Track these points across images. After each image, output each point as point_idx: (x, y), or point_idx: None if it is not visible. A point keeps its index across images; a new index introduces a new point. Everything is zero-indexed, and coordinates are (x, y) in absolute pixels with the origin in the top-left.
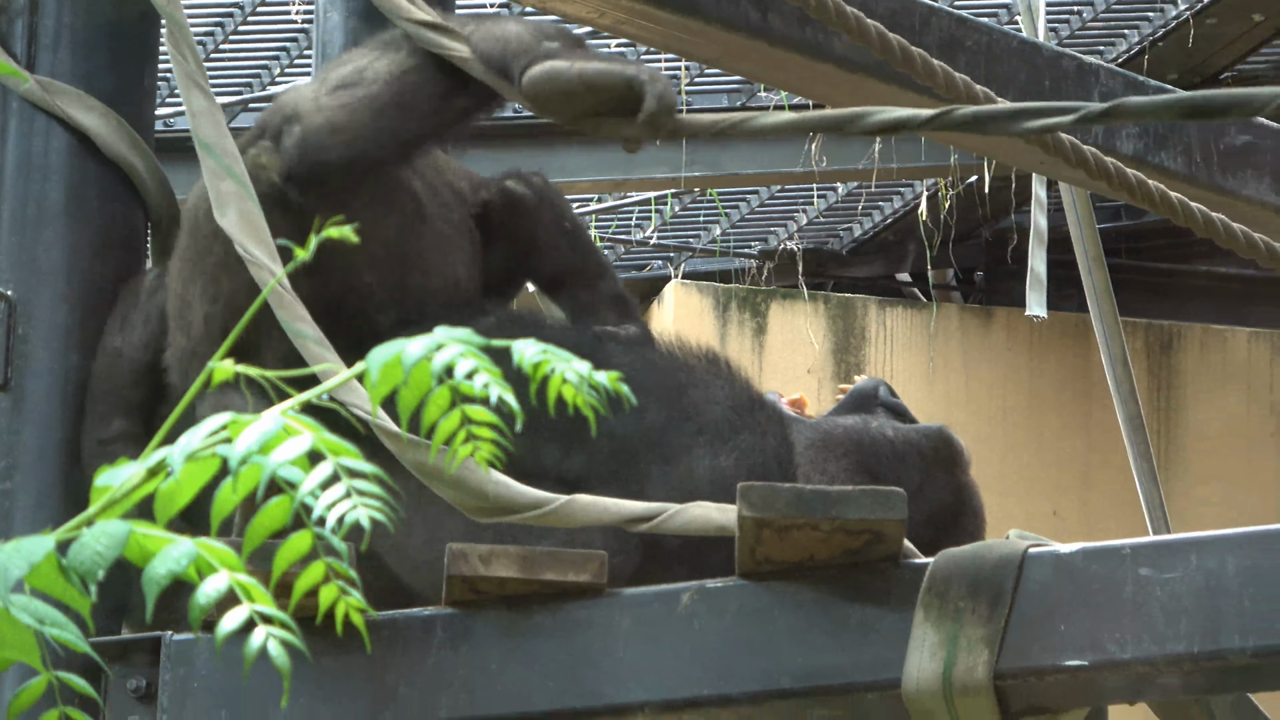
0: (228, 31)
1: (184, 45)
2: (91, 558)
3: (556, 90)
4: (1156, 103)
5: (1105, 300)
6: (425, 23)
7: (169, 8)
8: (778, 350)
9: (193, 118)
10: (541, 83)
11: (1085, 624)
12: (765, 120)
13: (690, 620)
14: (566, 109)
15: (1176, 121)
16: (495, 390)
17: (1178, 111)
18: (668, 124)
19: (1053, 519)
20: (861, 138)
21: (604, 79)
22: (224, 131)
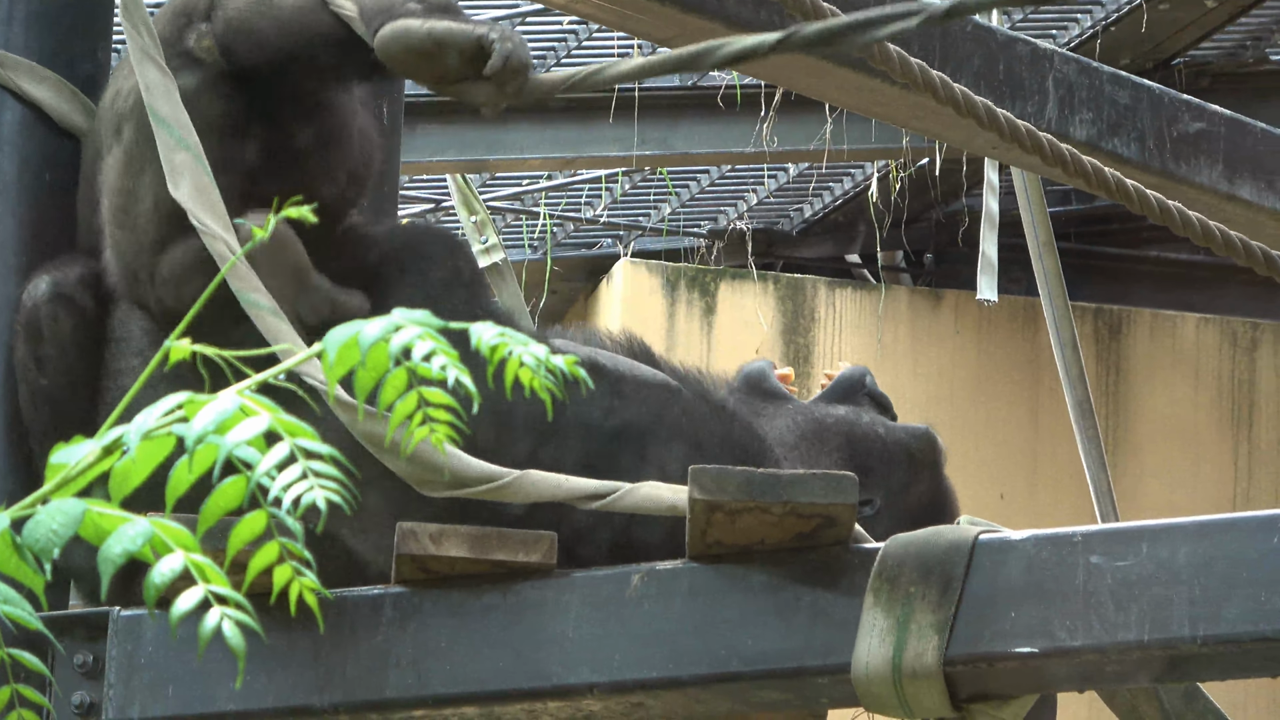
0: None
1: (137, 19)
2: (46, 535)
3: (407, 48)
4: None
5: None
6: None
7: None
8: (727, 330)
9: (147, 91)
10: (391, 40)
11: (1036, 611)
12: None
13: (640, 602)
14: (420, 69)
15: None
16: (453, 372)
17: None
18: (515, 81)
19: (999, 503)
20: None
21: (453, 36)
22: (178, 104)
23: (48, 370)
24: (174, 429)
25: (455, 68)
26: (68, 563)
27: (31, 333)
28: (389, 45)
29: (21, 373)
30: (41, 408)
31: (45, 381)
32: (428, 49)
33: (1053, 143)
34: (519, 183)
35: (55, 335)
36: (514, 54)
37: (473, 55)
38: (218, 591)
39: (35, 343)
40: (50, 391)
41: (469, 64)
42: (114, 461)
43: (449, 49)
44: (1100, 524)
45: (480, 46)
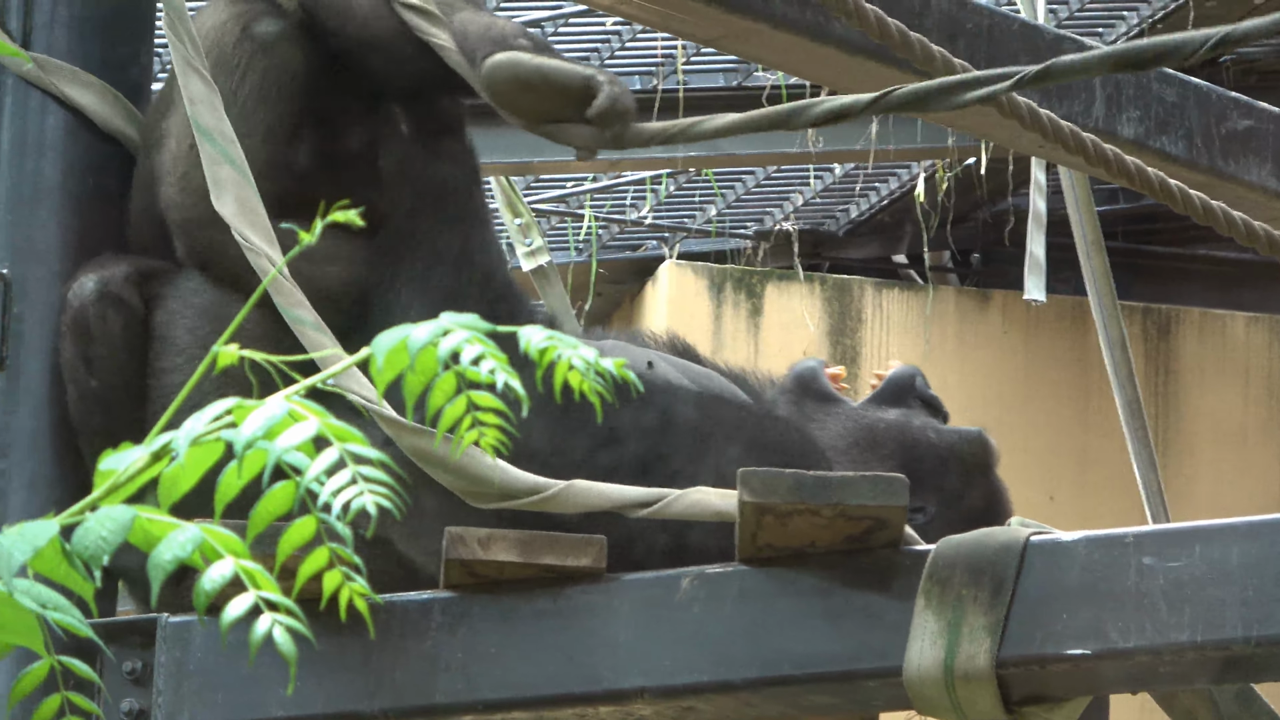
0: None
1: (182, 31)
2: (96, 542)
3: (514, 78)
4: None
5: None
6: (408, 4)
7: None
8: (773, 332)
9: (191, 104)
10: (500, 68)
11: (1088, 612)
12: (713, 124)
13: (690, 606)
14: (521, 100)
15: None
16: (502, 376)
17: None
18: (616, 125)
19: (1049, 504)
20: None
21: (561, 74)
22: (222, 117)
23: (97, 371)
24: (223, 434)
25: (557, 106)
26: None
27: (79, 333)
28: (496, 73)
29: (70, 374)
30: (92, 409)
31: (95, 383)
32: (534, 83)
33: (1096, 142)
34: (564, 185)
35: (104, 335)
36: (619, 99)
37: (577, 96)
38: (268, 597)
39: (84, 343)
40: (100, 393)
41: (570, 104)
42: (163, 467)
43: (555, 86)
44: (1151, 525)
45: (586, 88)
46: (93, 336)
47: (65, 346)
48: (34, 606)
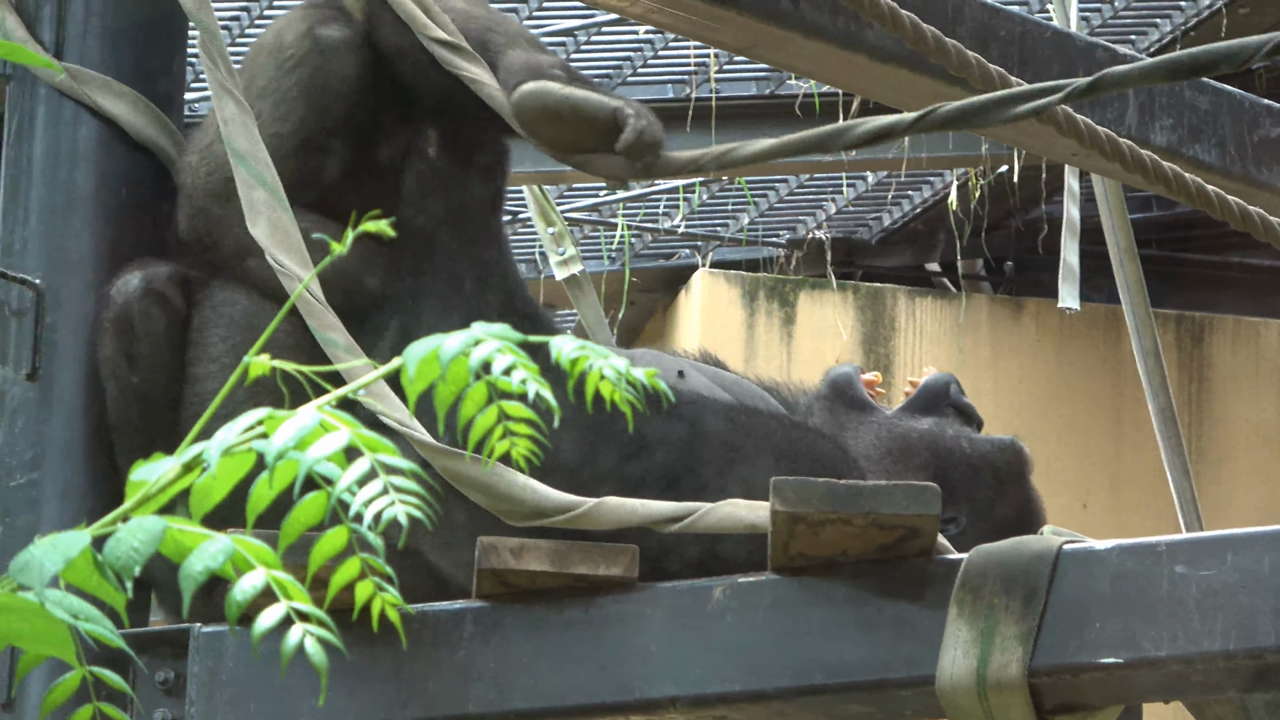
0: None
1: (216, 53)
2: (128, 553)
3: (542, 108)
4: (1142, 68)
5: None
6: (443, 41)
7: (200, 14)
8: (806, 340)
9: (225, 125)
10: (529, 96)
11: (1120, 621)
12: (747, 150)
13: (722, 615)
14: (550, 130)
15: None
16: (533, 386)
17: (1163, 73)
18: (645, 156)
19: (1082, 513)
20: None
21: (589, 104)
22: (256, 140)
23: (139, 367)
24: (254, 445)
25: (585, 136)
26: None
27: (123, 329)
28: (526, 100)
29: (110, 370)
30: (131, 405)
31: (136, 379)
32: (563, 112)
33: (1132, 149)
34: (596, 193)
35: (148, 332)
36: (647, 130)
37: (605, 127)
38: (299, 608)
39: (127, 339)
40: (141, 389)
41: (598, 135)
42: (194, 478)
43: (583, 116)
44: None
45: (614, 119)
46: (136, 333)
47: (106, 343)
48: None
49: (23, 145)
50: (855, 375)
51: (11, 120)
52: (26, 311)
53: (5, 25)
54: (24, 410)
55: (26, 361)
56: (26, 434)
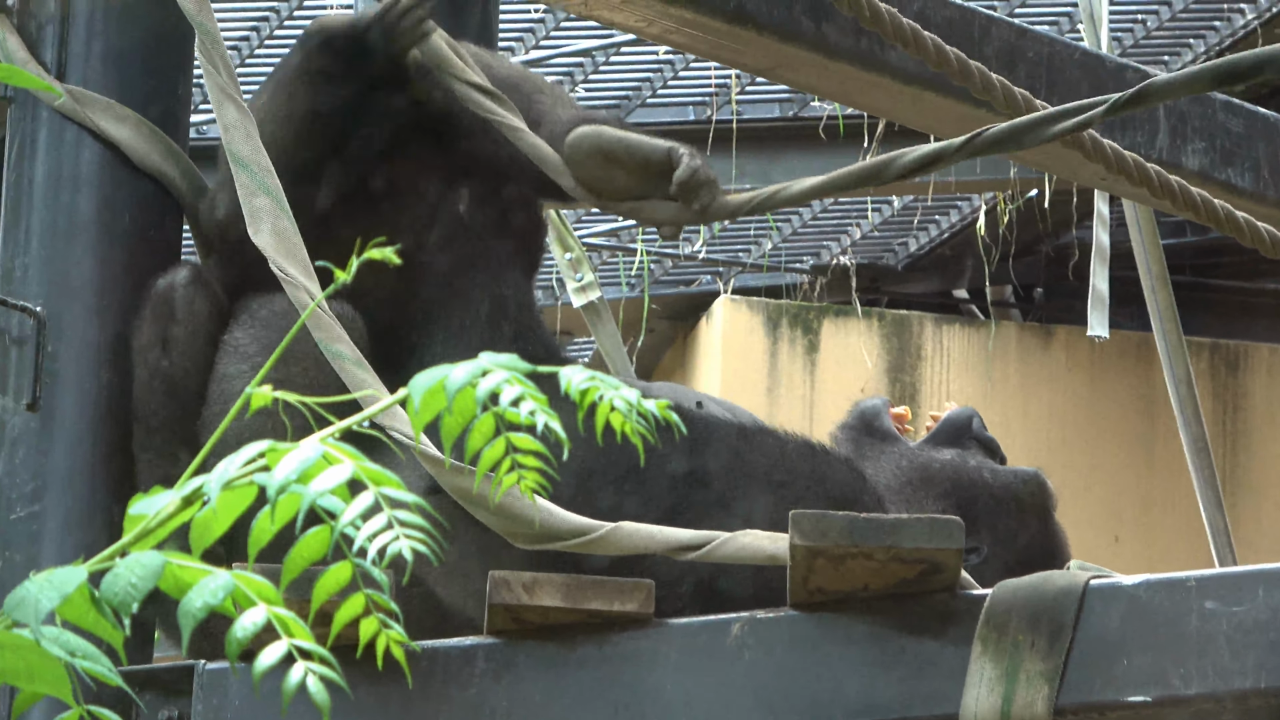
0: (263, 36)
1: (216, 57)
2: (125, 590)
3: (597, 149)
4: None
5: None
6: (477, 86)
7: (200, 17)
8: (830, 369)
9: (225, 131)
10: (584, 138)
11: (1149, 658)
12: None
13: (740, 652)
14: (603, 174)
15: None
16: (541, 418)
17: (1208, 81)
18: (701, 195)
19: (1114, 546)
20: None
21: (644, 146)
22: (257, 145)
23: (173, 352)
24: (255, 478)
25: (637, 180)
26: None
27: (163, 312)
28: (580, 142)
29: (141, 355)
30: (157, 392)
31: (167, 363)
32: (617, 153)
33: (1161, 173)
34: (615, 218)
35: (189, 317)
36: (701, 170)
37: (659, 169)
38: (302, 646)
39: (165, 322)
40: (171, 375)
41: (652, 178)
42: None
43: (637, 157)
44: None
45: (669, 160)
46: (176, 317)
47: (142, 329)
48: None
49: (24, 169)
50: (884, 407)
51: (12, 143)
52: (27, 340)
53: (6, 46)
54: (24, 441)
55: (27, 391)
56: (27, 465)
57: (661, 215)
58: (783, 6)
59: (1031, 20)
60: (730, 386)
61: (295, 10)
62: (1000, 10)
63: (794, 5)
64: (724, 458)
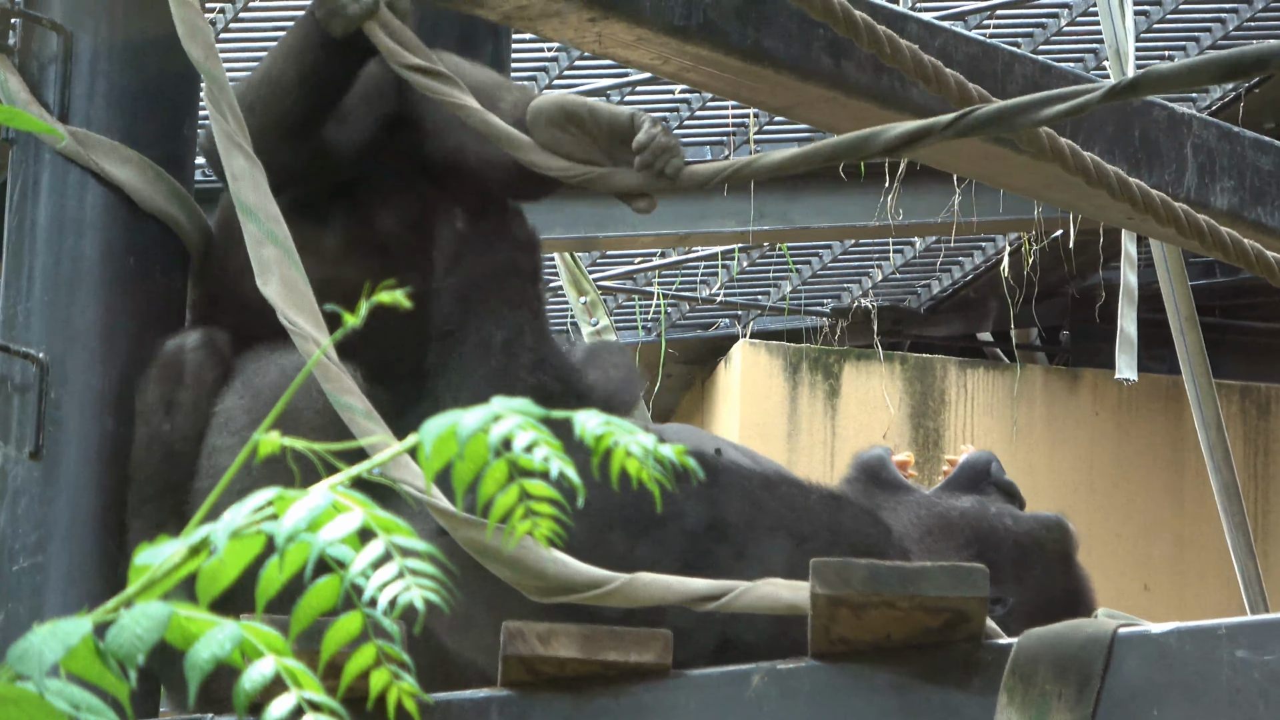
0: None
1: (224, 104)
2: (131, 641)
3: (560, 111)
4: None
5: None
6: (417, 67)
7: (207, 64)
8: (852, 414)
9: (233, 180)
10: (547, 102)
11: (1180, 709)
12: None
13: (760, 704)
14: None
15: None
16: (556, 464)
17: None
18: (663, 160)
19: (1143, 594)
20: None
21: (608, 109)
22: (265, 194)
23: (175, 415)
24: (264, 527)
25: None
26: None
27: (170, 375)
28: (543, 108)
29: (145, 417)
30: (155, 454)
31: (168, 427)
32: (580, 116)
33: (1189, 213)
34: (631, 261)
35: (196, 382)
36: (662, 133)
37: (623, 134)
38: (311, 698)
39: (172, 386)
40: (170, 439)
41: (616, 144)
42: (201, 561)
43: (601, 121)
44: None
45: (631, 124)
46: (184, 381)
47: (148, 390)
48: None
49: (26, 212)
50: (887, 456)
51: (14, 186)
52: (30, 387)
53: (8, 87)
54: (27, 490)
55: (30, 439)
56: (30, 516)
57: (625, 183)
58: (801, 44)
59: (1056, 57)
60: (749, 432)
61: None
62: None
63: (812, 42)
64: (743, 506)
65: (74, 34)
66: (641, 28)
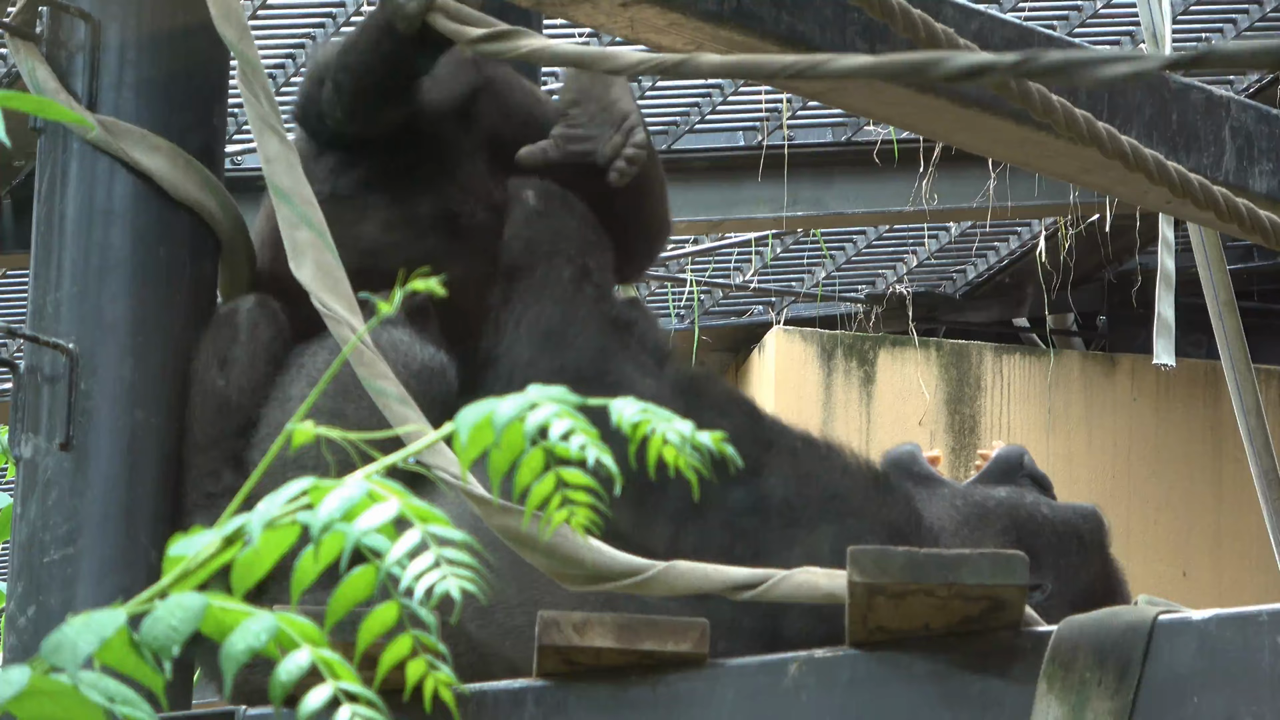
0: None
1: (257, 86)
2: (166, 633)
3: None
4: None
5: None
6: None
7: (241, 45)
8: (887, 401)
9: (267, 163)
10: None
11: (1220, 696)
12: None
13: (798, 693)
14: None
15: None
16: (593, 452)
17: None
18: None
19: (1182, 581)
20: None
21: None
22: (299, 177)
23: (229, 371)
24: (299, 517)
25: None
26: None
27: (224, 333)
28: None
29: (199, 374)
30: (207, 410)
31: (223, 382)
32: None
33: (1228, 196)
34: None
35: (250, 339)
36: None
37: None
38: (347, 689)
39: (226, 343)
40: (225, 393)
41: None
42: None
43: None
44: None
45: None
46: (237, 338)
47: (202, 350)
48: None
49: (55, 203)
50: (918, 452)
51: (43, 176)
52: (59, 378)
53: (36, 76)
54: (58, 482)
55: (60, 431)
56: (60, 507)
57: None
58: (835, 28)
59: (1093, 40)
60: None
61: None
62: (1060, 30)
63: (847, 27)
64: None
65: (101, 22)
66: (674, 12)
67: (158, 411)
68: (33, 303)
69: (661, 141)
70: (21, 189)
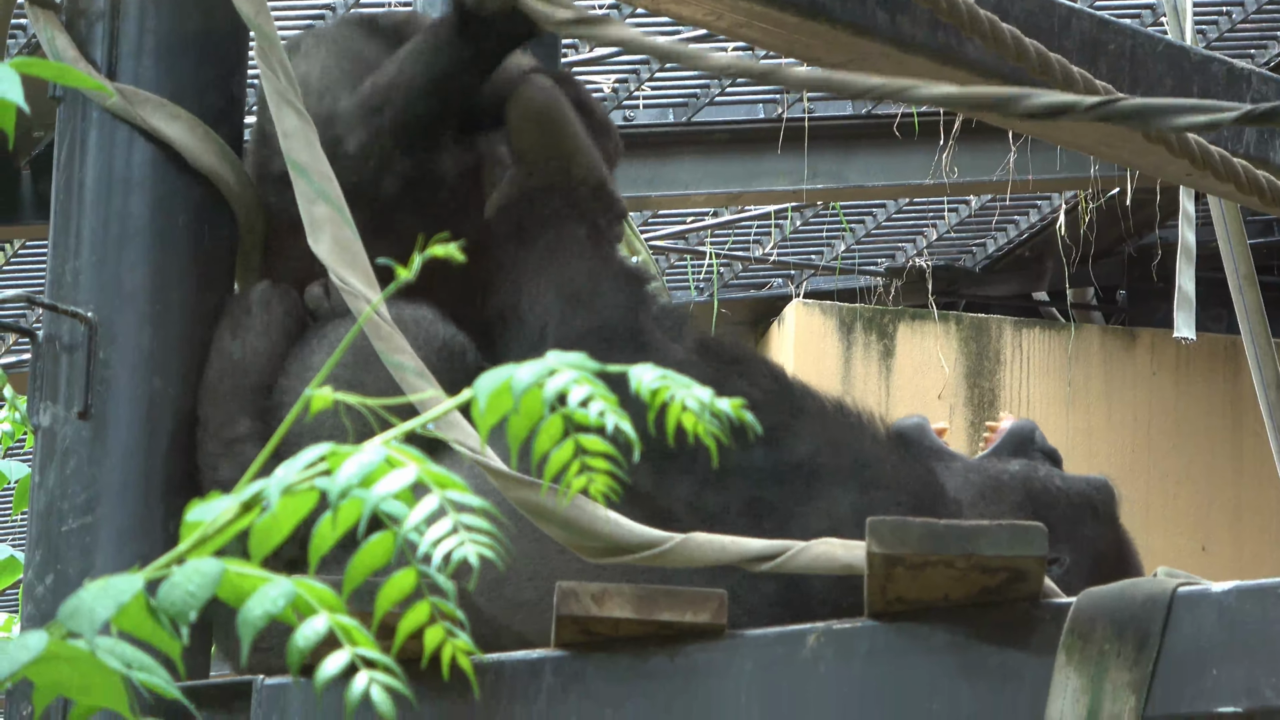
0: None
1: (275, 61)
2: (183, 598)
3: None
4: None
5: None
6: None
7: (258, 20)
8: (906, 374)
9: (285, 138)
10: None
11: (1240, 668)
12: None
13: (816, 664)
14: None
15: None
16: (611, 418)
17: None
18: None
19: (1202, 555)
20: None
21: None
22: (318, 153)
23: (242, 337)
24: (316, 483)
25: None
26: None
27: (239, 308)
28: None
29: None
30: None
31: (237, 346)
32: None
33: (1248, 169)
34: (683, 220)
35: (264, 313)
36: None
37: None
38: (365, 655)
39: (241, 314)
40: (236, 358)
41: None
42: (254, 518)
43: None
44: None
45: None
46: (251, 310)
47: (221, 324)
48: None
49: (73, 171)
50: (927, 424)
51: (61, 144)
52: (78, 346)
53: (55, 45)
54: (76, 451)
55: (79, 399)
56: (79, 476)
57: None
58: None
59: (1114, 12)
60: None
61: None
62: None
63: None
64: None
65: None
66: None
67: (176, 380)
68: (51, 271)
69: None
70: (41, 158)
